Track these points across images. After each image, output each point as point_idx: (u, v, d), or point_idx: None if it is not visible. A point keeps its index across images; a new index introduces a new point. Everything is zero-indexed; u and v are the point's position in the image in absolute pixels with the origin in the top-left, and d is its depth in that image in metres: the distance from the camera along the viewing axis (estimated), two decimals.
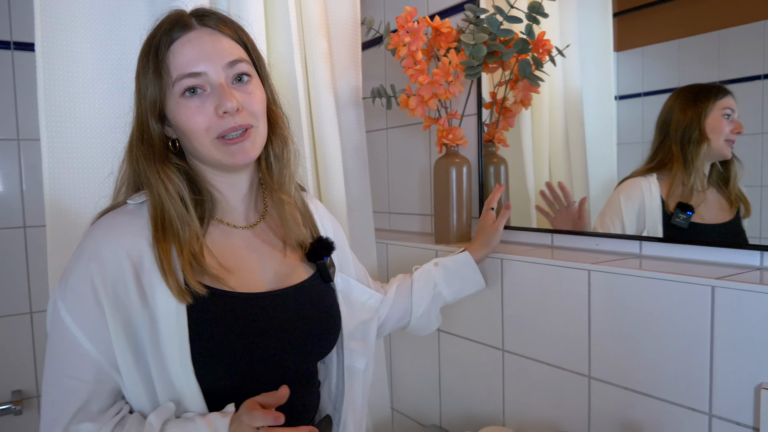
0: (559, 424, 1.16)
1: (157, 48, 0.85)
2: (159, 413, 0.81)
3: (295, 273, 0.96)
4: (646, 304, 1.00)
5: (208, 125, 0.85)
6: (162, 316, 0.81)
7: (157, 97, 0.85)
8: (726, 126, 1.03)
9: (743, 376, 0.88)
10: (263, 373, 0.87)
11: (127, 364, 0.82)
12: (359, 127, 1.55)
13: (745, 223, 1.00)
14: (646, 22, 1.13)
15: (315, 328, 0.95)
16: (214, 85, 0.85)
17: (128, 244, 0.83)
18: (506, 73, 1.34)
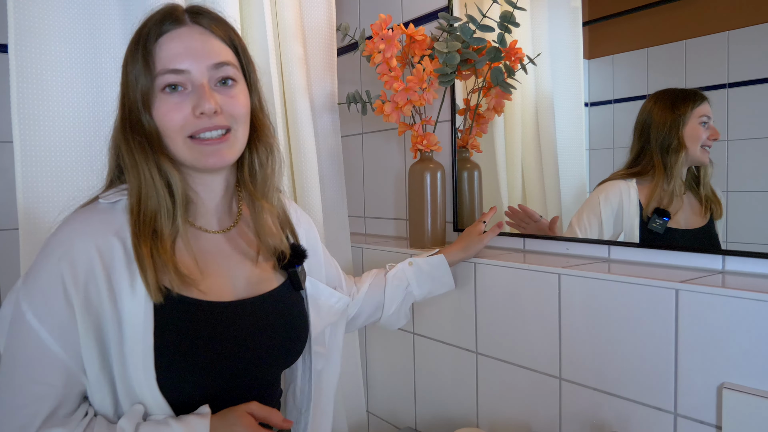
0: (531, 424, 1.18)
1: (147, 39, 0.83)
2: (130, 417, 0.79)
3: (266, 281, 0.95)
4: (615, 307, 1.02)
5: (183, 123, 0.83)
6: (128, 322, 0.79)
7: (148, 87, 0.83)
8: (703, 133, 1.05)
9: (706, 377, 0.91)
10: (227, 382, 0.86)
11: (94, 368, 0.79)
12: (335, 132, 1.56)
13: (718, 226, 1.03)
14: (615, 31, 1.16)
15: (283, 337, 0.94)
16: (196, 84, 0.84)
17: (100, 242, 0.80)
18: (479, 81, 1.37)
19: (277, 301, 0.95)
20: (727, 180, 1.01)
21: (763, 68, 0.96)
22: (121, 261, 0.80)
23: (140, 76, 0.83)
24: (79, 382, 0.80)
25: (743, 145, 0.99)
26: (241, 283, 0.92)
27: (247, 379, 0.89)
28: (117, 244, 0.81)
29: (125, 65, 0.86)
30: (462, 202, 1.45)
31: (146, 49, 0.83)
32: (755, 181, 0.98)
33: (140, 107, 0.83)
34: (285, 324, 0.95)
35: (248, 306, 0.90)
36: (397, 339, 1.53)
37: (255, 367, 0.89)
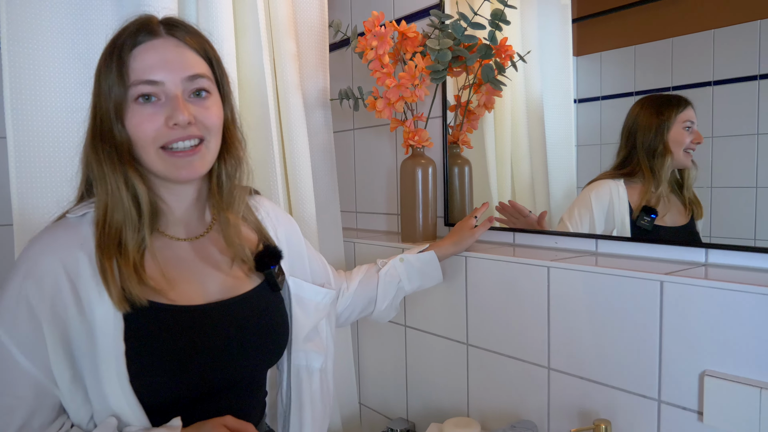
0: (520, 413, 1.21)
1: (121, 49, 0.83)
2: (101, 430, 0.80)
3: (241, 284, 0.95)
4: (602, 299, 1.05)
5: (155, 134, 0.84)
6: (100, 330, 0.80)
7: (121, 98, 0.83)
8: (687, 137, 1.08)
9: (689, 365, 0.94)
10: (203, 385, 0.87)
11: (65, 380, 0.81)
12: (327, 128, 1.57)
13: (699, 225, 1.06)
14: (603, 29, 1.18)
15: (261, 338, 0.94)
16: (170, 95, 0.84)
17: (65, 257, 0.81)
18: (470, 77, 1.39)
19: (252, 303, 0.95)
20: (711, 176, 1.04)
21: (747, 66, 0.97)
22: (87, 273, 0.82)
23: (114, 86, 0.83)
24: (51, 394, 0.82)
25: (727, 142, 1.01)
26: (215, 288, 0.92)
27: (224, 381, 0.90)
28: (82, 257, 0.82)
29: (98, 75, 0.86)
30: (453, 197, 1.47)
31: (120, 60, 0.83)
32: (738, 178, 1.00)
33: (112, 117, 0.83)
34: (262, 325, 0.95)
35: (220, 308, 0.91)
36: (389, 332, 1.56)
37: (231, 368, 0.90)
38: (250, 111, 1.38)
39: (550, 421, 1.15)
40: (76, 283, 0.81)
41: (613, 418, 1.04)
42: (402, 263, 1.24)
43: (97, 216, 0.84)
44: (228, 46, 1.30)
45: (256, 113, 1.37)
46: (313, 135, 1.52)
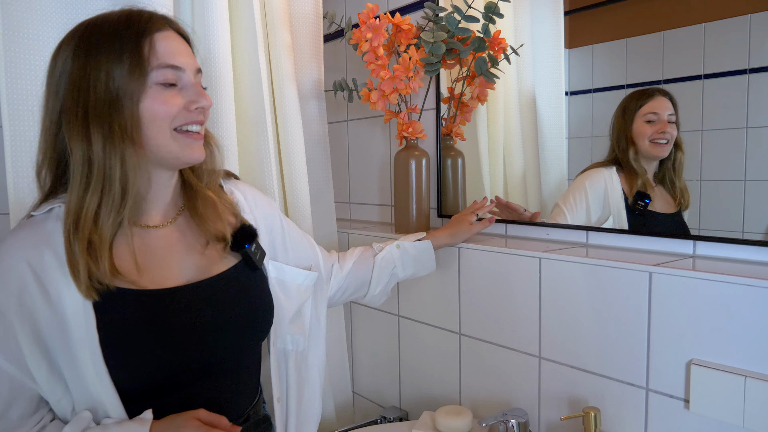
0: (511, 401, 1.24)
1: (139, 34, 0.84)
2: (74, 425, 0.81)
3: (218, 264, 0.96)
4: (592, 289, 1.07)
5: (175, 114, 0.86)
6: (72, 320, 0.81)
7: (141, 79, 0.83)
8: (648, 129, 1.11)
9: (676, 354, 0.96)
10: (184, 368, 0.88)
11: (42, 372, 0.82)
12: (321, 119, 1.58)
13: (686, 215, 1.08)
14: (595, 21, 1.18)
15: (240, 317, 0.95)
16: (187, 83, 0.88)
17: (29, 255, 0.82)
18: (463, 70, 1.40)
19: (230, 282, 0.95)
20: (701, 169, 1.05)
21: (737, 60, 0.98)
22: (53, 266, 0.82)
23: (131, 68, 0.82)
24: (27, 387, 0.83)
25: (717, 136, 1.02)
26: (190, 270, 0.93)
27: (204, 363, 0.90)
28: (47, 252, 0.83)
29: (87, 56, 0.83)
30: (446, 189, 1.49)
31: (140, 43, 0.83)
32: (727, 171, 1.01)
33: (124, 97, 0.82)
34: (240, 304, 0.96)
35: (195, 289, 0.91)
36: (382, 321, 1.57)
37: (209, 349, 0.91)
38: (245, 101, 1.39)
39: (541, 409, 1.18)
40: (42, 278, 0.82)
41: (602, 405, 1.07)
42: (398, 250, 1.26)
43: (71, 201, 0.83)
44: (223, 36, 1.30)
45: (250, 103, 1.38)
46: (308, 126, 1.53)
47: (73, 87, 0.83)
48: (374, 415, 1.56)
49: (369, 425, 1.43)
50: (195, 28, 1.29)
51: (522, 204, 1.36)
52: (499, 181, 1.41)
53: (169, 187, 0.94)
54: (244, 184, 1.11)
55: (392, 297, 1.53)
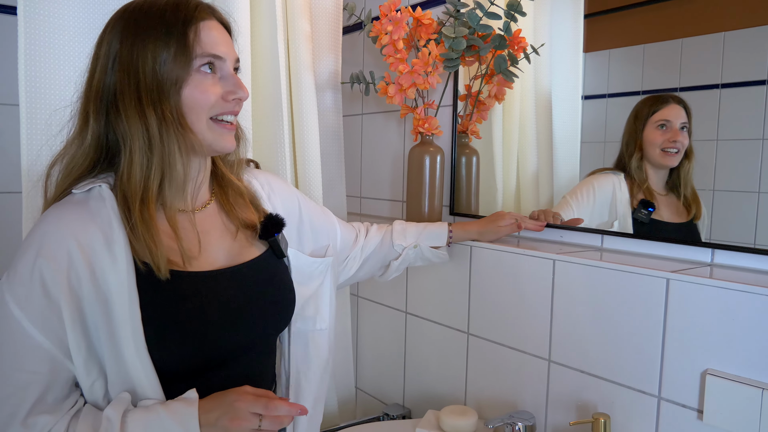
0: (518, 403, 1.23)
1: (185, 22, 0.85)
2: (115, 406, 0.80)
3: (247, 251, 0.98)
4: (606, 294, 1.06)
5: (213, 103, 0.88)
6: (115, 298, 0.81)
7: (185, 66, 0.85)
8: (659, 137, 1.10)
9: (691, 363, 0.95)
10: (219, 352, 0.89)
11: (81, 354, 0.81)
12: (336, 111, 1.57)
13: (699, 225, 1.07)
14: (613, 26, 1.18)
15: (269, 302, 0.97)
16: (226, 73, 0.90)
17: (77, 231, 0.82)
18: (482, 67, 1.39)
19: (259, 269, 0.97)
20: (714, 179, 1.04)
21: (755, 71, 0.97)
22: (100, 244, 0.83)
23: (176, 55, 0.84)
24: (65, 369, 0.82)
25: (732, 146, 1.01)
26: (222, 256, 0.95)
27: (237, 347, 0.92)
28: (94, 230, 0.83)
29: (135, 40, 0.84)
30: (459, 187, 1.48)
31: (186, 31, 0.85)
32: (741, 182, 1.00)
33: (170, 84, 0.84)
34: (270, 290, 0.98)
35: (232, 274, 0.93)
36: (388, 317, 1.56)
37: (243, 334, 0.92)
38: (262, 88, 1.38)
39: (548, 413, 1.17)
40: (91, 256, 0.82)
41: (612, 412, 1.05)
42: (414, 249, 1.26)
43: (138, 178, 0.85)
44: (243, 23, 1.29)
45: (268, 90, 1.37)
46: (323, 117, 1.52)
47: (123, 69, 0.85)
48: (377, 412, 1.55)
49: (371, 421, 1.42)
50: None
51: (533, 206, 1.34)
52: (511, 181, 1.40)
53: (205, 173, 0.96)
54: (262, 173, 1.11)
55: (400, 293, 1.52)
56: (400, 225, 1.28)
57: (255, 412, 0.80)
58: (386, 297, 1.58)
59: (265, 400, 0.81)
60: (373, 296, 1.63)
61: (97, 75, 0.87)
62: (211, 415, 0.80)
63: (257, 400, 0.81)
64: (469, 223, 1.30)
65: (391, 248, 1.26)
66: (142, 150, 0.84)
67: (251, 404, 0.81)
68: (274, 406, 0.81)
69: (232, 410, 0.80)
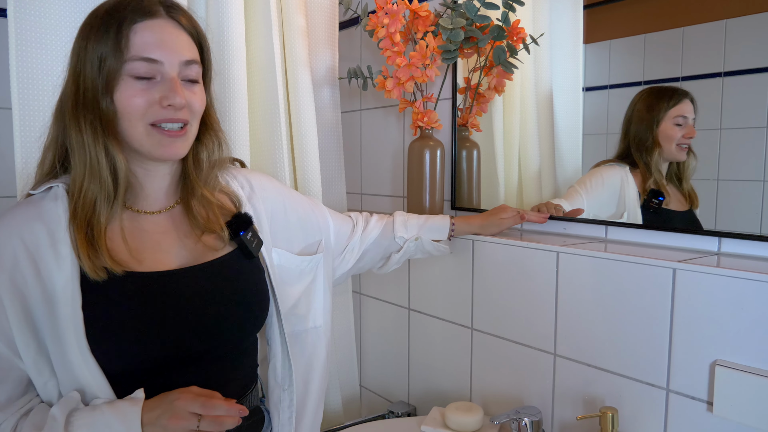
0: (524, 399, 1.21)
1: (120, 22, 0.83)
2: (62, 405, 0.80)
3: (211, 251, 0.95)
4: (612, 285, 1.04)
5: (146, 110, 0.85)
6: (60, 298, 0.81)
7: (115, 70, 0.83)
8: (677, 132, 1.08)
9: (700, 354, 0.94)
10: (171, 352, 0.87)
11: (30, 353, 0.81)
12: (334, 107, 1.55)
13: (697, 213, 1.06)
14: (613, 16, 1.16)
15: (233, 305, 0.94)
16: (166, 76, 0.85)
17: (23, 232, 0.83)
18: (481, 59, 1.37)
19: (222, 270, 0.95)
20: (719, 168, 1.03)
21: (759, 58, 0.96)
22: (44, 243, 0.83)
23: (108, 58, 0.82)
24: (15, 367, 0.83)
25: (736, 135, 1.00)
26: (184, 255, 0.93)
27: (193, 349, 0.89)
28: (40, 229, 0.83)
29: (84, 42, 0.84)
30: (460, 181, 1.46)
31: (119, 33, 0.83)
32: (745, 171, 0.99)
33: (101, 88, 0.83)
34: (234, 292, 0.95)
35: (188, 273, 0.91)
36: (392, 314, 1.55)
37: (198, 336, 0.89)
38: (258, 85, 1.37)
39: (555, 408, 1.15)
40: (34, 254, 0.82)
41: (620, 406, 1.04)
42: (416, 242, 1.24)
43: (73, 188, 0.85)
44: (237, 18, 1.27)
45: (264, 87, 1.35)
46: (321, 113, 1.51)
47: (70, 73, 0.86)
48: (382, 410, 1.54)
49: (376, 419, 1.41)
50: (209, 9, 1.26)
51: (536, 200, 1.33)
52: (513, 174, 1.38)
53: (166, 176, 0.95)
54: (242, 172, 1.09)
55: (402, 290, 1.51)
56: (402, 216, 1.26)
57: (193, 411, 0.79)
58: (389, 294, 1.57)
59: (204, 399, 0.80)
60: (375, 293, 1.62)
61: (64, 78, 0.88)
62: (152, 414, 0.79)
63: (195, 398, 0.80)
64: (471, 216, 1.28)
65: (392, 240, 1.24)
66: (79, 155, 0.84)
67: (189, 403, 0.79)
68: (211, 405, 0.79)
69: (172, 408, 0.79)
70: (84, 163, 0.84)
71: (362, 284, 1.67)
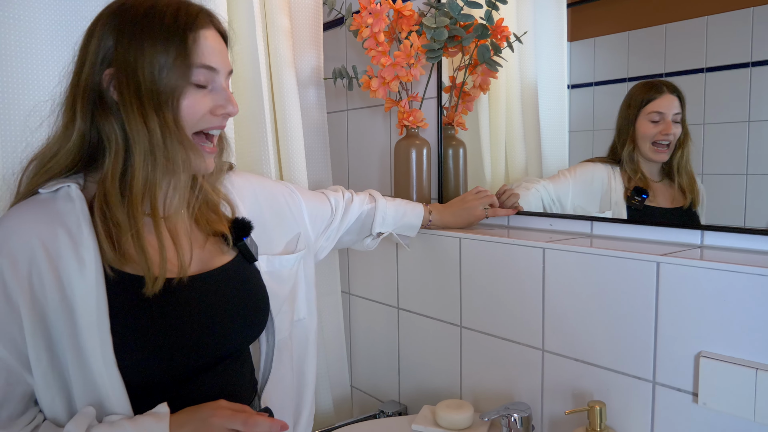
0: (513, 395, 1.21)
1: (184, 29, 0.82)
2: (78, 421, 0.75)
3: (218, 258, 0.95)
4: (598, 280, 1.05)
5: (200, 118, 0.85)
6: (80, 306, 0.76)
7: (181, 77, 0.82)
8: (651, 130, 1.08)
9: (684, 346, 0.94)
10: (189, 359, 0.84)
11: (41, 365, 0.76)
12: (320, 107, 1.55)
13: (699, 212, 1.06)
14: (597, 14, 1.17)
15: (242, 309, 0.94)
16: (218, 86, 0.86)
17: (43, 233, 0.77)
18: (465, 58, 1.37)
19: (231, 275, 0.95)
20: (703, 163, 1.04)
21: (739, 53, 0.97)
22: (66, 248, 0.78)
23: (174, 65, 0.81)
24: (22, 381, 0.78)
25: (719, 129, 1.01)
26: (195, 262, 0.91)
27: (210, 356, 0.87)
28: (61, 232, 0.78)
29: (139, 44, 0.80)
30: (447, 179, 1.46)
31: (183, 40, 0.82)
32: (729, 165, 1.00)
33: (169, 93, 0.81)
34: (242, 296, 0.95)
35: (200, 281, 0.89)
36: (381, 313, 1.55)
37: (217, 342, 0.88)
38: (242, 86, 1.36)
39: (544, 403, 1.16)
40: (57, 261, 0.77)
41: (608, 399, 1.04)
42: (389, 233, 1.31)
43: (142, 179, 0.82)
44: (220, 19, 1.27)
45: (249, 89, 1.35)
46: (306, 114, 1.51)
47: (120, 69, 0.81)
48: (373, 410, 1.54)
49: (367, 419, 1.41)
50: None
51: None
52: (500, 173, 1.39)
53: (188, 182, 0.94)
54: (233, 174, 1.08)
55: (391, 289, 1.51)
56: (382, 211, 1.29)
57: (233, 428, 0.76)
58: (378, 293, 1.57)
59: (244, 416, 0.78)
60: (364, 293, 1.62)
61: (86, 70, 0.82)
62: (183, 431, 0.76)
63: (235, 415, 0.78)
64: (443, 206, 1.33)
65: (368, 229, 1.29)
66: (146, 154, 0.81)
67: (228, 420, 0.77)
68: (254, 422, 0.77)
69: (206, 426, 0.76)
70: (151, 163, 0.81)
71: (351, 284, 1.67)
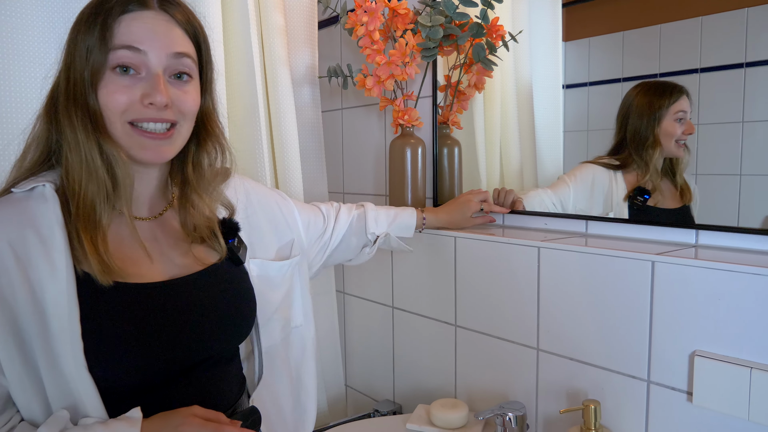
0: (508, 394, 1.21)
1: (108, 13, 0.78)
2: (50, 424, 0.73)
3: (203, 259, 0.91)
4: (592, 279, 1.05)
5: (126, 108, 0.80)
6: (51, 310, 0.74)
7: (100, 63, 0.78)
8: (678, 129, 1.07)
9: (679, 345, 0.94)
10: (172, 366, 0.83)
11: (15, 368, 0.74)
12: (315, 106, 1.55)
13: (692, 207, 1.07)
14: (592, 14, 1.17)
15: (227, 312, 0.90)
16: (151, 71, 0.81)
17: (12, 236, 0.75)
18: (461, 57, 1.37)
19: (216, 277, 0.91)
20: (697, 163, 1.04)
21: (734, 54, 0.98)
22: (37, 250, 0.76)
23: (93, 50, 0.78)
24: None
25: (713, 130, 1.01)
26: (174, 265, 0.89)
27: (191, 359, 0.85)
28: (31, 235, 0.76)
29: (75, 35, 0.80)
30: (442, 178, 1.46)
31: (105, 23, 0.78)
32: (723, 165, 1.00)
33: (87, 82, 0.78)
34: (229, 298, 0.92)
35: (181, 285, 0.87)
36: (376, 313, 1.55)
37: (197, 346, 0.86)
38: (237, 84, 1.35)
39: (539, 402, 1.16)
40: (24, 262, 0.75)
41: (602, 398, 1.04)
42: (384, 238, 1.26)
43: (71, 187, 0.79)
44: (215, 18, 1.26)
45: (243, 87, 1.35)
46: (301, 112, 1.50)
47: (61, 68, 0.81)
48: (367, 409, 1.53)
49: (362, 419, 1.41)
50: None
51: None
52: (495, 172, 1.39)
53: (153, 180, 0.90)
54: (239, 178, 1.06)
55: (386, 288, 1.51)
56: (373, 212, 1.26)
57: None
58: (372, 292, 1.57)
59: (214, 425, 0.76)
60: (359, 292, 1.62)
61: (56, 74, 0.83)
62: None
63: (205, 425, 0.76)
64: (437, 209, 1.31)
65: (363, 234, 1.25)
66: (74, 154, 0.79)
67: (198, 429, 0.75)
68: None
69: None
70: (80, 162, 0.79)
71: (345, 283, 1.67)
